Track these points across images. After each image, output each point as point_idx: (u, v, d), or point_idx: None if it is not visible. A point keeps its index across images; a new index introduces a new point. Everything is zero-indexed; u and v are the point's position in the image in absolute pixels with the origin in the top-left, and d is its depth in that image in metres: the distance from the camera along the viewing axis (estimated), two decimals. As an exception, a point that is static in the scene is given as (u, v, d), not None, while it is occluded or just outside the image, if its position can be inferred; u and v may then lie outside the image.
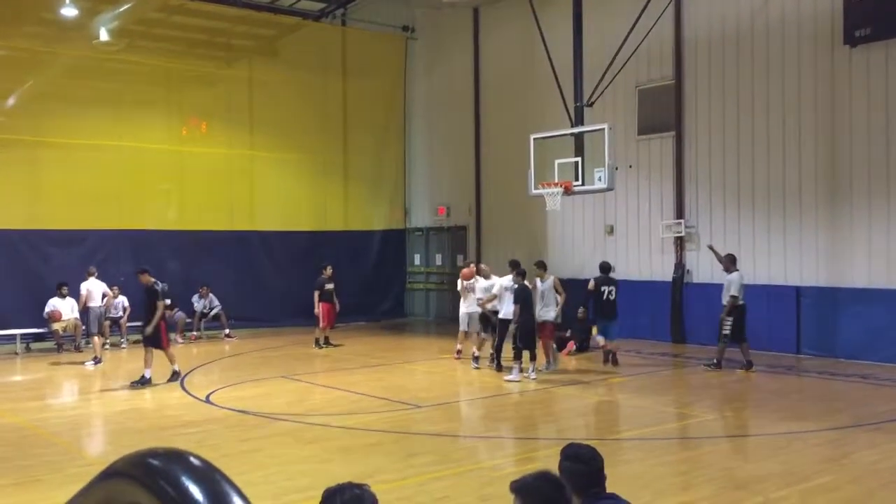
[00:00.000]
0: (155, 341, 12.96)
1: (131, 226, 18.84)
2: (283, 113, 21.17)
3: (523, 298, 12.98)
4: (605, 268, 14.75)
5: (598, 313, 14.54)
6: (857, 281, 14.52)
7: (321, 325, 17.22)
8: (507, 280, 13.74)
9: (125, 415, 10.75)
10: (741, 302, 13.61)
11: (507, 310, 13.39)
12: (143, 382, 12.68)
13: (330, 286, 17.30)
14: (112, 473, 1.25)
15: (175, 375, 13.11)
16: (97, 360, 15.27)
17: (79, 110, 18.51)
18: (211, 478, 1.17)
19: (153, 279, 13.20)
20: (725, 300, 13.66)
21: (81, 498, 1.38)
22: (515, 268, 13.34)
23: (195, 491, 1.14)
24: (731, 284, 13.63)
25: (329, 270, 17.41)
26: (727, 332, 13.58)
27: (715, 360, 13.73)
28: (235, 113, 20.78)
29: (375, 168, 23.12)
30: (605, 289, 14.37)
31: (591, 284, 14.49)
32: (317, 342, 17.20)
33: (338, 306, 17.48)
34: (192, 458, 1.21)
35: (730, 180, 16.38)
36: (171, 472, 1.18)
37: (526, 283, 13.17)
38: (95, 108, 18.76)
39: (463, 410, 11.08)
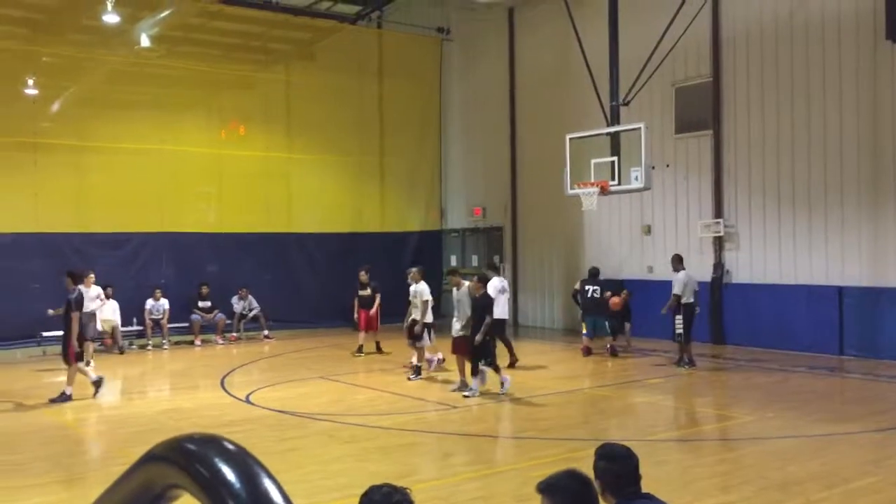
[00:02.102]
0: (64, 354, 11.74)
1: (172, 228, 19.15)
2: (320, 115, 21.34)
3: (481, 307, 11.97)
4: (593, 273, 16.04)
5: (583, 309, 15.77)
6: (901, 280, 14.23)
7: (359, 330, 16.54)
8: (498, 281, 14.74)
9: (166, 414, 10.93)
10: (690, 301, 14.05)
11: (498, 311, 13.72)
12: (63, 399, 11.55)
13: (364, 292, 16.42)
14: (152, 457, 1.31)
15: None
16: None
17: (121, 115, 18.87)
18: (243, 461, 1.23)
19: (74, 286, 11.98)
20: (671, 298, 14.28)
21: (124, 481, 1.44)
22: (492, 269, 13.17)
23: (227, 472, 1.20)
24: (676, 283, 14.09)
25: (363, 275, 16.53)
26: (680, 331, 14.01)
27: (686, 360, 14.06)
28: (273, 116, 21.01)
29: (411, 169, 23.21)
30: (590, 288, 15.56)
31: (578, 284, 16.01)
32: (359, 349, 16.29)
33: (374, 311, 16.29)
34: (225, 443, 1.27)
35: (769, 179, 16.16)
36: (206, 455, 1.24)
37: (489, 287, 12.64)
38: (137, 112, 19.12)
39: (499, 411, 11.08)
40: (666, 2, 15.53)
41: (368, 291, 16.48)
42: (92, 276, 15.49)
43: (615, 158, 14.05)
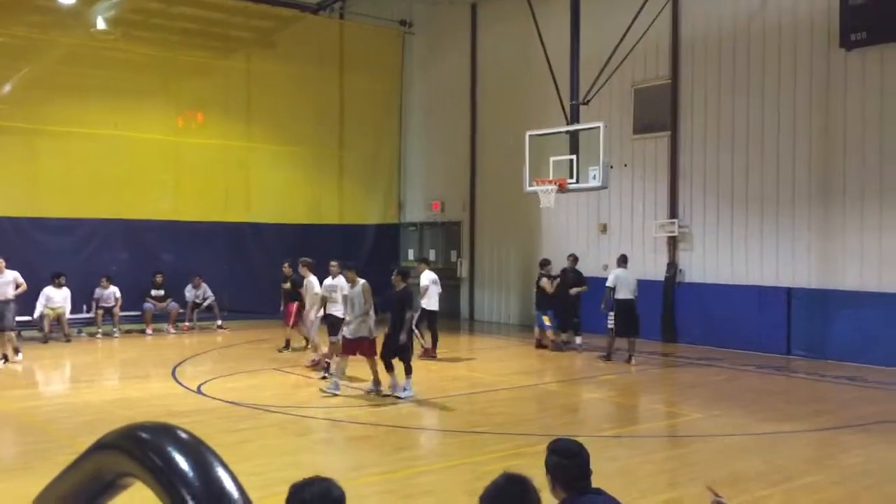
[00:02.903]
0: None
1: (126, 215, 18.82)
2: (280, 105, 21.16)
3: (398, 301, 11.50)
4: (542, 263, 16.50)
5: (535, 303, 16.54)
6: (848, 283, 14.59)
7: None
8: (431, 273, 15.24)
9: (115, 404, 10.77)
10: (629, 297, 14.56)
11: (431, 302, 14.97)
12: None
13: (285, 285, 15.79)
14: (104, 445, 1.31)
15: None
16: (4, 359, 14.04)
17: (75, 98, 18.46)
18: (196, 449, 1.23)
19: None
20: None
21: (73, 469, 1.43)
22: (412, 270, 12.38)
23: (181, 460, 1.20)
24: (609, 277, 14.81)
25: (285, 268, 15.87)
26: (611, 325, 14.68)
27: (605, 353, 14.73)
28: (232, 104, 20.77)
29: (371, 162, 23.14)
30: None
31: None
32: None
33: (295, 306, 15.25)
34: (178, 432, 1.27)
35: (724, 181, 16.45)
36: (159, 443, 1.24)
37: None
38: (92, 96, 18.74)
39: (452, 405, 11.12)
40: (627, 3, 15.70)
41: (288, 285, 15.71)
42: (1, 261, 14.41)
43: (574, 157, 14.19)
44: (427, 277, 14.94)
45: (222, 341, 17.49)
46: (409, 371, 11.31)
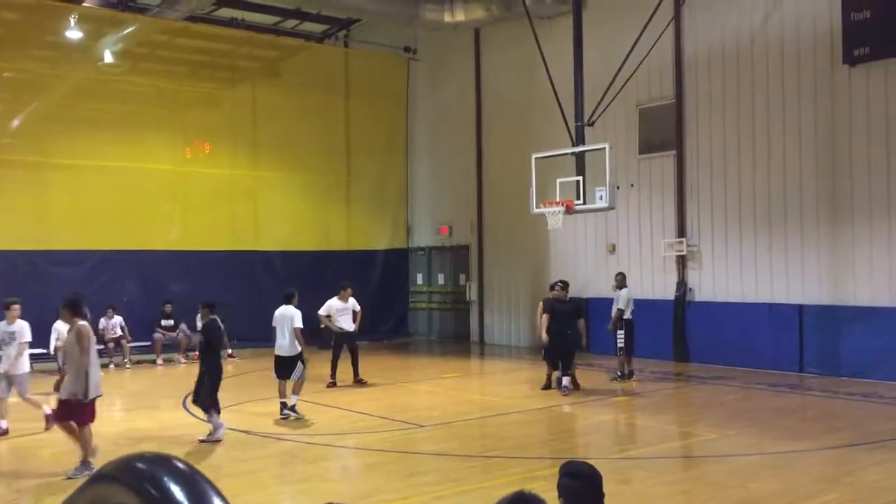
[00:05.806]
0: None
1: (135, 246, 18.89)
2: (287, 134, 21.27)
3: (213, 337, 10.50)
4: (550, 287, 14.92)
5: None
6: (859, 299, 14.50)
7: None
8: (336, 301, 14.72)
9: (126, 434, 10.75)
10: (628, 316, 14.48)
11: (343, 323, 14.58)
12: None
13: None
14: (101, 477, 1.30)
15: None
16: None
17: (83, 131, 18.63)
18: (192, 479, 1.22)
19: None
20: (613, 313, 14.56)
21: (72, 502, 1.42)
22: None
23: (177, 491, 1.19)
24: (619, 299, 14.55)
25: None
26: (621, 344, 14.42)
27: (619, 372, 14.56)
28: (239, 134, 20.88)
29: (378, 188, 23.20)
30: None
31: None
32: None
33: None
34: (175, 462, 1.26)
35: (731, 199, 16.42)
36: (155, 474, 1.23)
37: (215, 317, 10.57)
38: (100, 129, 18.89)
39: (465, 430, 11.06)
40: (630, 24, 15.79)
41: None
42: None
43: (580, 178, 14.21)
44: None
45: (233, 370, 17.44)
46: (213, 408, 10.31)
